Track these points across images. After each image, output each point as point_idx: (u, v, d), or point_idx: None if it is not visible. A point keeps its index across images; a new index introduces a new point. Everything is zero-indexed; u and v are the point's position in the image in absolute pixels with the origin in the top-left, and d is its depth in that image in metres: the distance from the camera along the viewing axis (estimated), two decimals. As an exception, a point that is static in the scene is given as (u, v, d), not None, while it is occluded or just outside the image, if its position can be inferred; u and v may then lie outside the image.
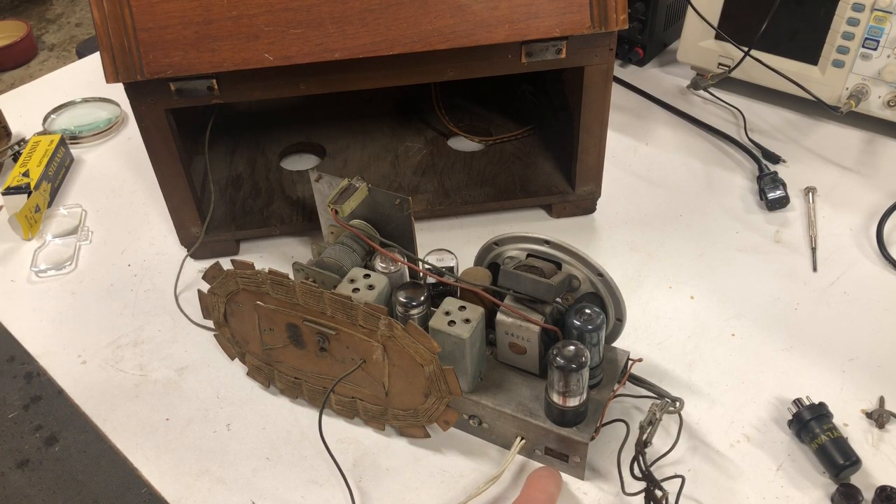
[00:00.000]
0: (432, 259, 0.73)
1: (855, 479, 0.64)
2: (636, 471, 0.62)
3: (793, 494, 0.64)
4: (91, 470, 1.61)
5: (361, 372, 0.66)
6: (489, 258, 0.70)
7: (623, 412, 0.69)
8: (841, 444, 0.64)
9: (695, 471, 0.65)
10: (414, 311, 0.65)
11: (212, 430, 0.71)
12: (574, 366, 0.60)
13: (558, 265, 0.67)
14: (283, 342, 0.69)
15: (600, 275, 0.65)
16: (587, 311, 0.63)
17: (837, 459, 0.63)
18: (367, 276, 0.67)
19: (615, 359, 0.68)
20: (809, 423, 0.65)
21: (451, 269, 0.73)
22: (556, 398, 0.62)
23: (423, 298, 0.65)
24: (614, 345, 0.70)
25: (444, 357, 0.63)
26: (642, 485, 0.62)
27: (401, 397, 0.66)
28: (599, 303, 0.67)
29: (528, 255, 0.68)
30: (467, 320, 0.63)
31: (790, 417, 0.67)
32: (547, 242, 0.66)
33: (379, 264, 0.70)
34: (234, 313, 0.70)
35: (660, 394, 0.67)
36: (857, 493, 0.62)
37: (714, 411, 0.70)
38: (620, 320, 0.67)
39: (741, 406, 0.70)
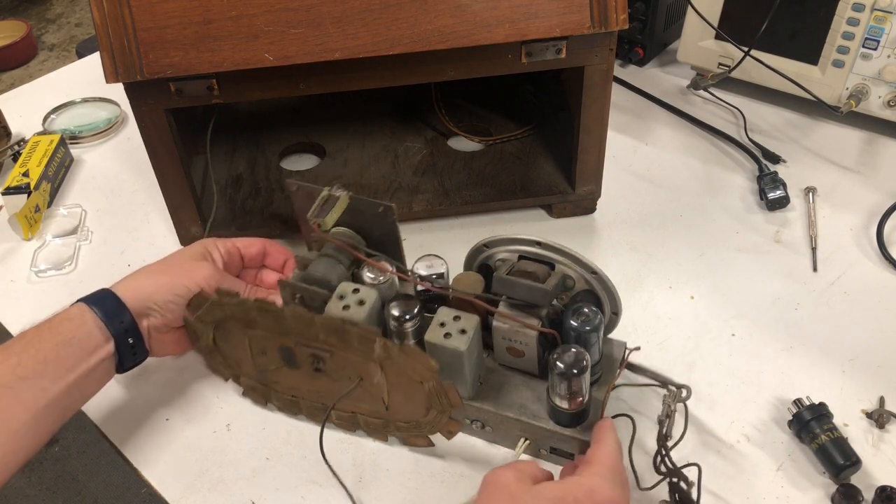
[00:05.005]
0: (422, 265, 0.71)
1: (855, 479, 0.64)
2: (661, 467, 0.61)
3: (793, 494, 0.64)
4: (91, 470, 1.61)
5: (360, 388, 0.65)
6: (479, 260, 0.69)
7: (626, 407, 0.68)
8: (841, 444, 0.64)
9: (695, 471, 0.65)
10: (408, 325, 0.64)
11: (212, 430, 0.71)
12: (576, 371, 0.59)
13: (551, 265, 0.66)
14: (276, 364, 0.67)
15: (594, 272, 0.64)
16: (585, 311, 0.62)
17: (837, 459, 0.63)
18: (356, 290, 0.65)
19: (611, 352, 0.68)
20: (810, 424, 0.65)
21: (441, 276, 0.71)
22: (558, 402, 0.61)
23: (416, 311, 0.64)
24: (610, 336, 0.69)
25: (442, 369, 0.62)
26: (656, 478, 0.62)
27: (402, 411, 0.65)
28: (595, 299, 0.66)
29: (520, 257, 0.67)
30: (463, 331, 0.62)
31: (790, 417, 0.67)
32: (538, 244, 0.66)
33: (367, 274, 0.68)
34: (225, 338, 0.69)
35: (663, 381, 0.66)
36: (857, 493, 0.62)
37: (714, 411, 0.70)
38: (616, 314, 0.67)
39: (741, 406, 0.70)
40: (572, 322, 0.62)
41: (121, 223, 0.94)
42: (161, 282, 0.67)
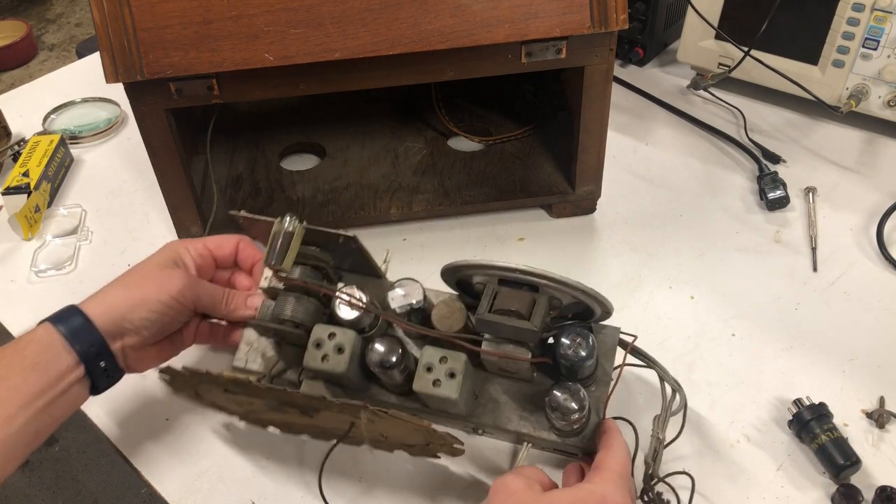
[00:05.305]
0: (398, 293, 0.65)
1: (855, 479, 0.64)
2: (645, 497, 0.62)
3: (793, 494, 0.64)
4: (91, 470, 1.61)
5: (355, 426, 0.63)
6: (457, 277, 0.66)
7: (625, 409, 0.68)
8: (841, 444, 0.64)
9: (695, 471, 0.65)
10: (392, 372, 0.61)
11: (211, 430, 0.71)
12: (574, 406, 0.59)
13: (534, 287, 0.62)
14: (264, 410, 0.65)
15: (577, 289, 0.61)
16: (576, 338, 0.61)
17: (837, 459, 0.63)
18: (332, 335, 0.62)
19: (605, 340, 0.66)
20: (809, 424, 0.65)
21: (421, 301, 0.65)
22: (559, 426, 0.61)
23: (400, 352, 0.61)
24: (604, 322, 0.66)
25: (435, 408, 0.62)
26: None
27: (402, 440, 0.64)
28: (584, 308, 0.64)
29: (500, 281, 0.62)
30: (452, 374, 0.59)
31: (790, 417, 0.67)
32: (518, 271, 0.61)
33: (340, 307, 0.64)
34: (207, 393, 0.66)
35: (662, 375, 0.66)
36: (857, 493, 0.62)
37: (714, 411, 0.70)
38: (608, 313, 0.64)
39: (741, 406, 0.70)
40: (564, 348, 0.61)
41: (121, 223, 0.94)
42: (134, 298, 0.62)
